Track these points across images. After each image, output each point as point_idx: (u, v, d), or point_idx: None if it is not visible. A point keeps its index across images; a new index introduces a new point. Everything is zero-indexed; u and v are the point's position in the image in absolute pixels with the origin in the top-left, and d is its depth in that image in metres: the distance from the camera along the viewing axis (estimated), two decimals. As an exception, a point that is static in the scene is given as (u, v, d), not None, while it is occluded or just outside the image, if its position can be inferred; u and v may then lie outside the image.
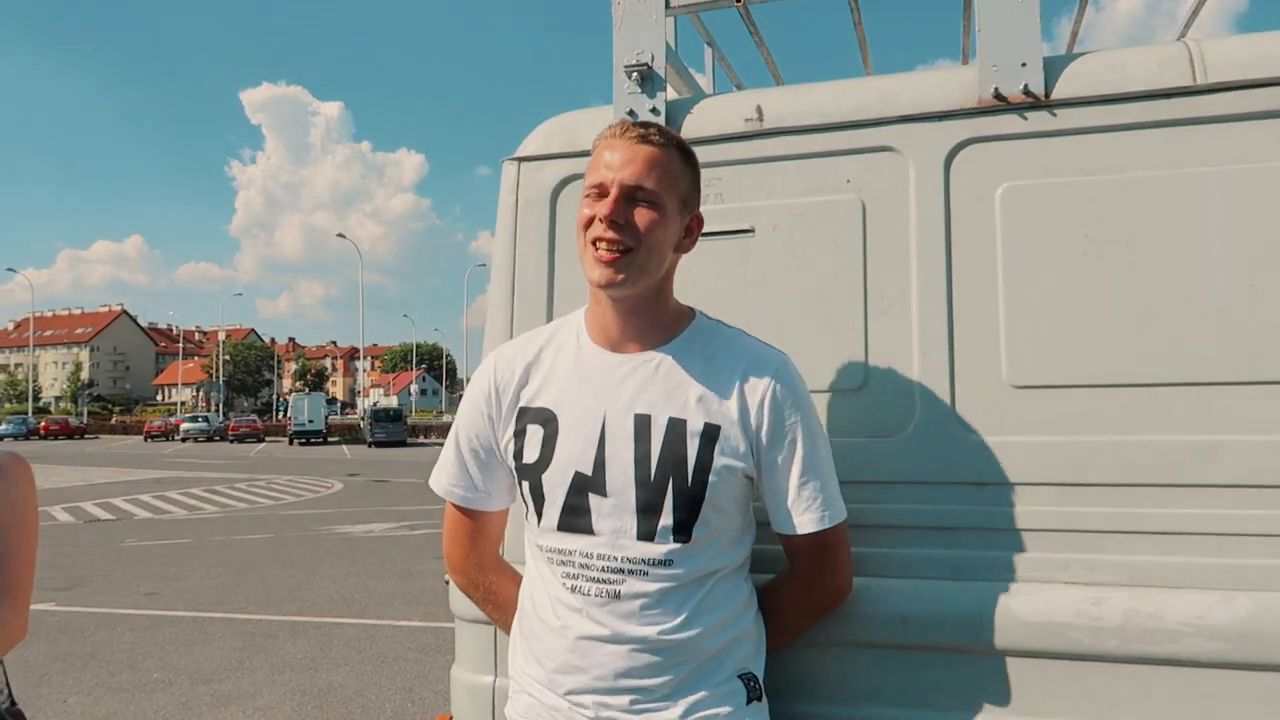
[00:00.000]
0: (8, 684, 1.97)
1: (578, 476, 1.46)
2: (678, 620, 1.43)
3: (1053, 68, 1.68)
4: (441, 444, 1.74)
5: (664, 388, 1.48)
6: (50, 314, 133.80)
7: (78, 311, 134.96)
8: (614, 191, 1.44)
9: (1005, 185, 1.67)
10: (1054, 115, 1.67)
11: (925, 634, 1.60)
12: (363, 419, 54.26)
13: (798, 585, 1.57)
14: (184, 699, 5.67)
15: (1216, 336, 1.55)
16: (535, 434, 1.51)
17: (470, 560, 1.67)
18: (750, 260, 1.80)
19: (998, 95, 1.69)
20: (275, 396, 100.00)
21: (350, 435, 54.41)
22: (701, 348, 1.52)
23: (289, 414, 53.24)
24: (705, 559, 1.45)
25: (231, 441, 52.82)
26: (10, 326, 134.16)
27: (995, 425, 1.63)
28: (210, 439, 54.50)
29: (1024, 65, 1.67)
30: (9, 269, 79.05)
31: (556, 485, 1.48)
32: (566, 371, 1.54)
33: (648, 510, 1.43)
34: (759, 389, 1.47)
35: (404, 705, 5.54)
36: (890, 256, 1.72)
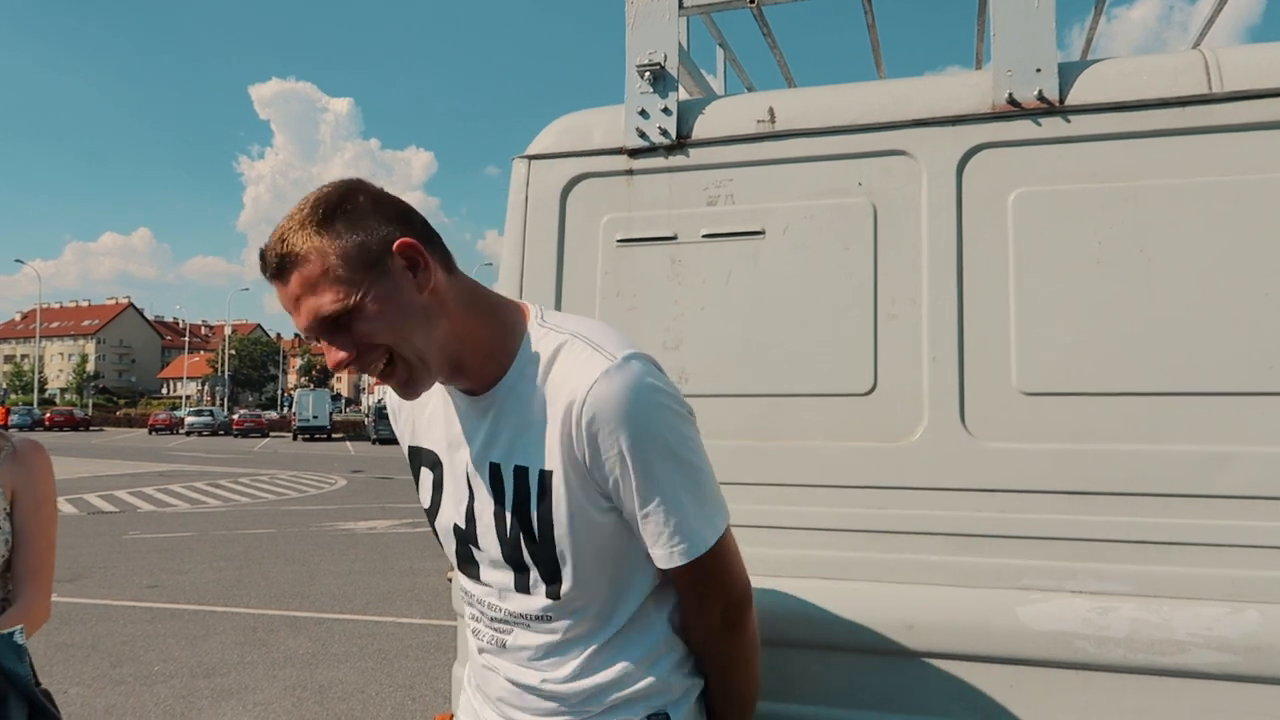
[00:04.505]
0: (32, 666, 2.00)
1: (457, 529, 1.38)
2: (566, 671, 1.32)
3: (1067, 74, 1.67)
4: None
5: (507, 431, 1.29)
6: (57, 305, 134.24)
7: (84, 304, 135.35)
8: (322, 342, 1.20)
9: (1018, 191, 1.67)
10: (1068, 121, 1.66)
11: (931, 641, 1.59)
12: (367, 416, 54.31)
13: (690, 618, 1.36)
14: (184, 692, 5.67)
15: (1228, 346, 1.54)
16: (427, 478, 1.43)
17: None
18: (760, 262, 1.80)
19: (1012, 100, 1.68)
20: (280, 392, 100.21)
21: (355, 432, 54.49)
22: (535, 374, 1.27)
23: (294, 409, 53.36)
24: (589, 614, 1.31)
25: (235, 436, 52.92)
26: (17, 318, 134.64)
27: (1004, 432, 1.62)
28: (214, 433, 54.62)
29: (1039, 71, 1.67)
30: (16, 260, 79.38)
31: (446, 534, 1.41)
32: (440, 411, 1.40)
33: (515, 565, 1.32)
34: (573, 420, 1.22)
35: (404, 702, 5.53)
36: (901, 260, 1.72)
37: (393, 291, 1.18)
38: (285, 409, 74.19)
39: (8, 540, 1.93)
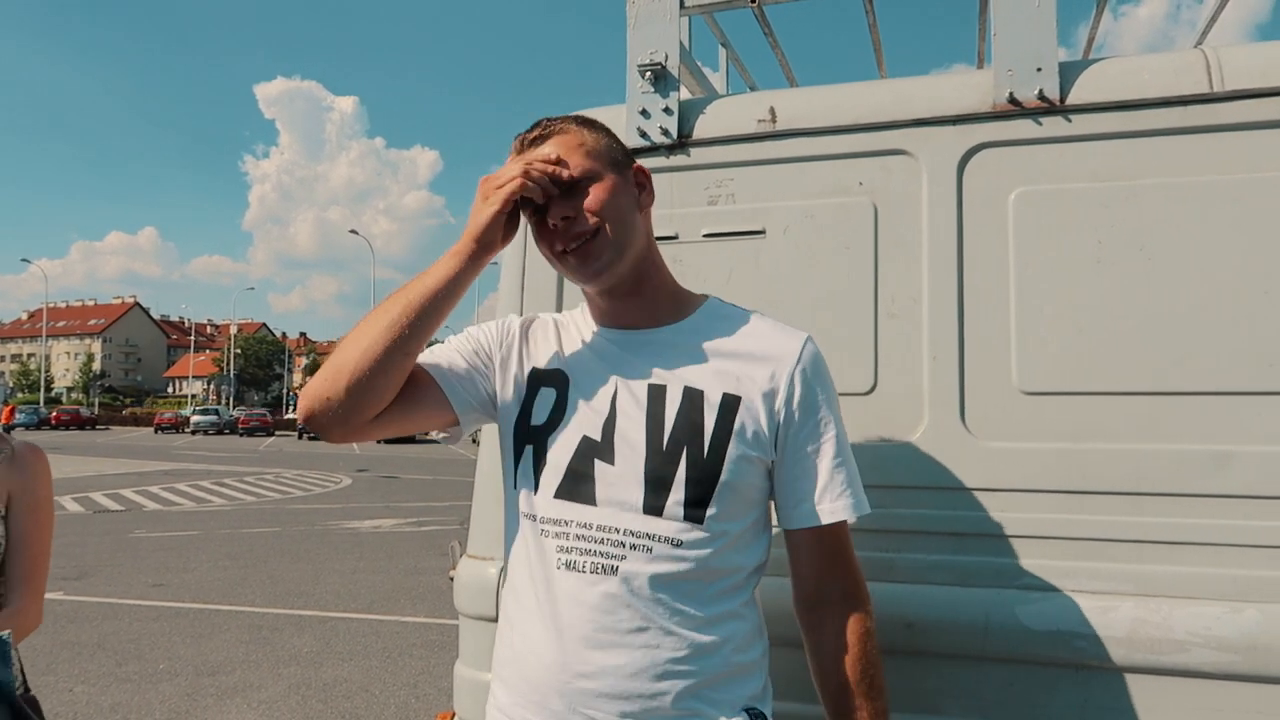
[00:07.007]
0: (22, 671, 1.99)
1: (585, 441, 1.35)
2: (679, 611, 1.28)
3: (1068, 73, 1.67)
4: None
5: (678, 359, 1.38)
6: (63, 304, 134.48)
7: (91, 303, 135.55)
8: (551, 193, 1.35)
9: (1018, 190, 1.67)
10: (1069, 121, 1.66)
11: (930, 640, 1.59)
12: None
13: (811, 594, 1.39)
14: (189, 690, 5.69)
15: (1229, 345, 1.54)
16: (547, 396, 1.41)
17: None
18: (761, 261, 1.80)
19: (1012, 100, 1.68)
20: (286, 391, 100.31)
21: (359, 431, 54.47)
22: (718, 324, 1.42)
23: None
24: (716, 551, 1.31)
25: (241, 435, 53.03)
26: (24, 316, 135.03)
27: (1004, 431, 1.62)
28: (220, 432, 54.74)
29: (1039, 70, 1.67)
30: (23, 260, 79.69)
31: (562, 449, 1.36)
32: (576, 344, 1.46)
33: (657, 482, 1.30)
34: (785, 363, 1.36)
35: (408, 701, 5.54)
36: (901, 260, 1.72)
37: (624, 188, 1.39)
38: (290, 408, 74.27)
39: (0, 544, 1.92)
